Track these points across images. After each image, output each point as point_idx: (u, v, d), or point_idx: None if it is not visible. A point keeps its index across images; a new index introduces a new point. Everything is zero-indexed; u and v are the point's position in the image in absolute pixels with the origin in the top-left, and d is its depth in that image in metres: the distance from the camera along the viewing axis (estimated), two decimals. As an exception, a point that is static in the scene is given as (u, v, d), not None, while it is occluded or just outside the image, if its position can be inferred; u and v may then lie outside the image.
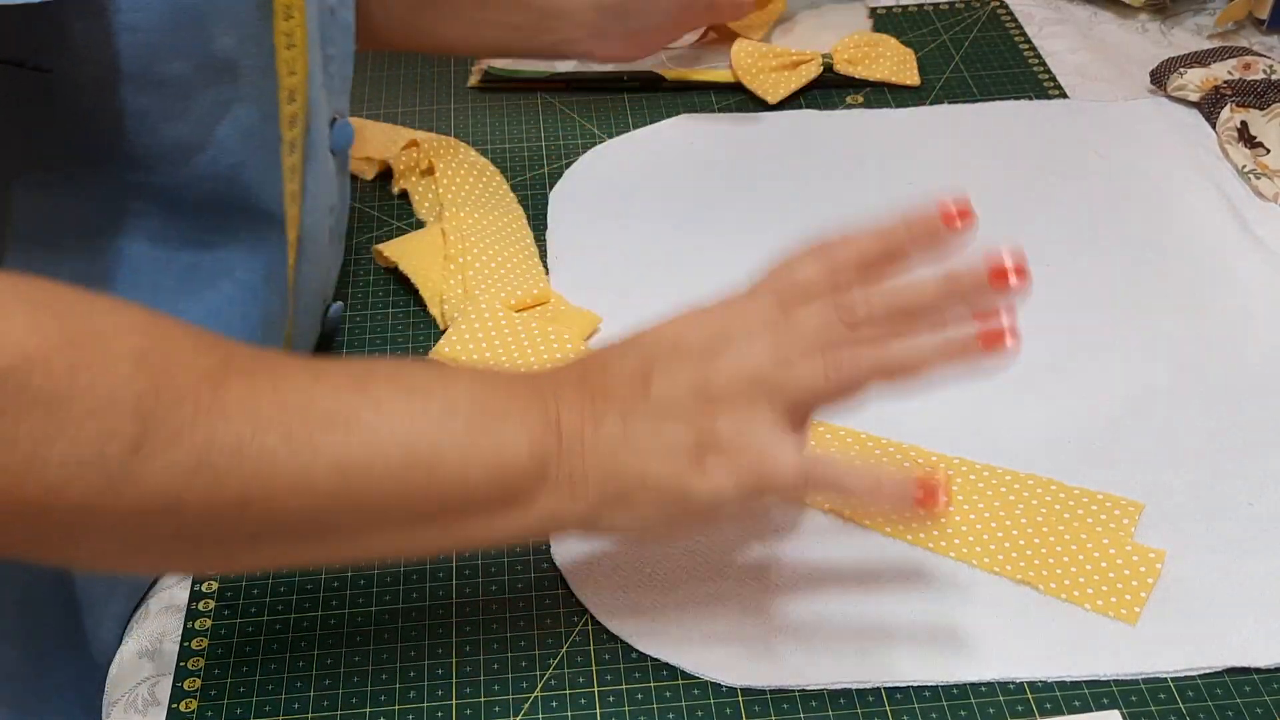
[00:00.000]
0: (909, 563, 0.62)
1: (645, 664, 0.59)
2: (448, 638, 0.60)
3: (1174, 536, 0.63)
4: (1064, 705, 0.57)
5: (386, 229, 0.83)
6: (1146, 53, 0.98)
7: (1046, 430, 0.68)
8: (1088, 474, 0.66)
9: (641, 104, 0.94)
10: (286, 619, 0.61)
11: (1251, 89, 0.90)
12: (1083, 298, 0.77)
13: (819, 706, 0.57)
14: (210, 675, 0.59)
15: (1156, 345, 0.73)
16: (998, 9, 1.03)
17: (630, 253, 0.81)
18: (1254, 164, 0.86)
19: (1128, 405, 0.70)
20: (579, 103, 0.94)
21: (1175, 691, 0.57)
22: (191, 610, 0.62)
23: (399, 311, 0.77)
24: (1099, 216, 0.82)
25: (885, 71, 0.95)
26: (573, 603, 0.61)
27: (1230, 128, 0.88)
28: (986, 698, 0.57)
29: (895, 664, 0.58)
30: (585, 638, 0.60)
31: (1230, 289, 0.77)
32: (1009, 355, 0.52)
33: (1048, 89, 0.94)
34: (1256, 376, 0.71)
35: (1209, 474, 0.66)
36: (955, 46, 0.99)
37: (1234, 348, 0.73)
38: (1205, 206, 0.83)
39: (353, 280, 0.79)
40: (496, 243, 0.79)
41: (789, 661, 0.58)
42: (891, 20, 1.02)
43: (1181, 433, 0.68)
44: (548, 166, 0.88)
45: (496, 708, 0.57)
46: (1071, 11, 1.04)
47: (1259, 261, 0.79)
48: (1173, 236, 0.81)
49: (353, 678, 0.59)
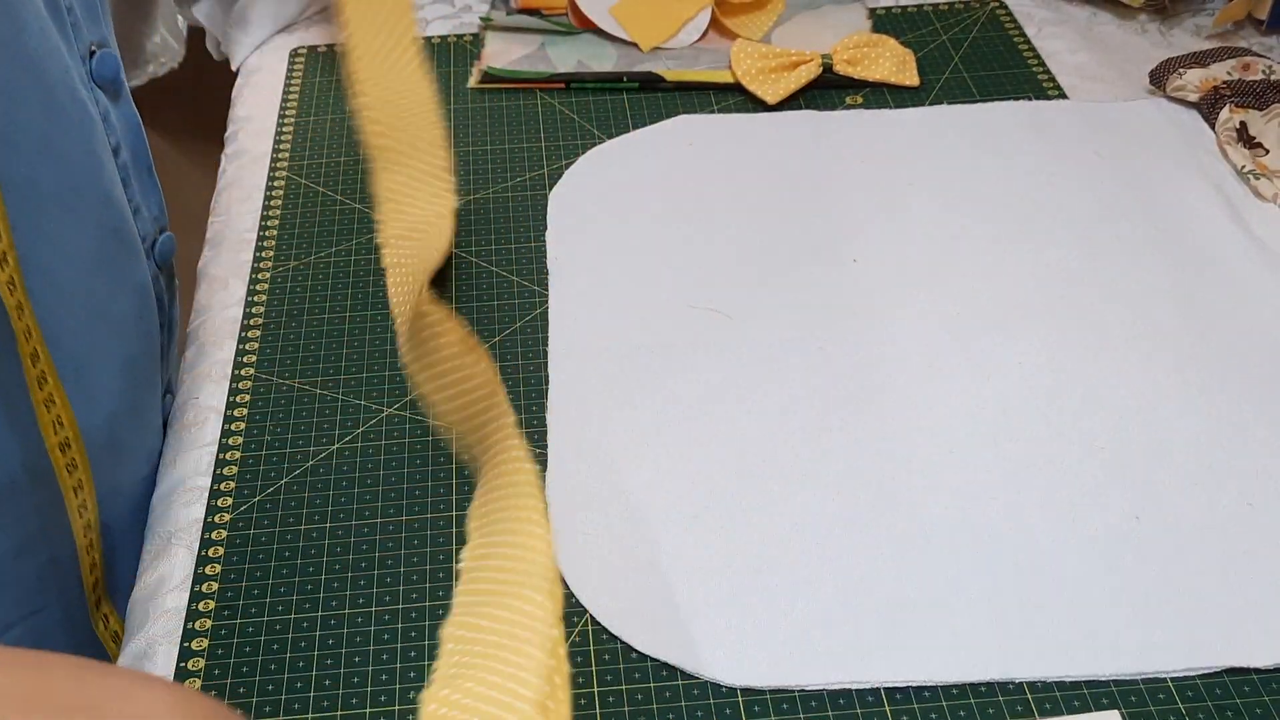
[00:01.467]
0: (909, 563, 0.62)
1: (645, 664, 0.59)
2: (448, 638, 0.60)
3: (1173, 536, 0.63)
4: (1064, 705, 0.57)
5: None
6: (1146, 53, 0.98)
7: (1045, 430, 0.69)
8: (1086, 474, 0.66)
9: (641, 104, 0.94)
10: (286, 619, 0.61)
11: (1251, 89, 0.90)
12: (1081, 297, 0.77)
13: (819, 706, 0.57)
14: (210, 675, 0.59)
15: (1155, 345, 0.73)
16: (997, 9, 1.03)
17: (630, 253, 0.81)
18: (1253, 164, 0.86)
19: (1126, 405, 0.70)
20: (579, 103, 0.94)
21: (1175, 691, 0.57)
22: (191, 610, 0.62)
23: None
24: (1098, 217, 0.82)
25: (885, 72, 0.95)
26: (573, 603, 0.61)
27: (1229, 128, 0.88)
28: (986, 698, 0.57)
29: (895, 664, 0.58)
30: (585, 638, 0.60)
31: (1229, 289, 0.77)
32: None
33: (1047, 89, 0.94)
34: (1256, 376, 0.72)
35: (1208, 474, 0.66)
36: (955, 47, 0.99)
37: (1233, 347, 0.73)
38: (1204, 207, 0.83)
39: (356, 278, 0.80)
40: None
41: (789, 661, 0.58)
42: (891, 20, 1.02)
43: (1180, 432, 0.68)
44: (547, 167, 0.88)
45: (496, 708, 0.57)
46: (1071, 12, 1.04)
47: (1258, 261, 0.79)
48: (1171, 237, 0.81)
49: (353, 678, 0.59)
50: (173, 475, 0.69)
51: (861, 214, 0.84)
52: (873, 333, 0.75)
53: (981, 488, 0.66)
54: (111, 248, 0.65)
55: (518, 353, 0.74)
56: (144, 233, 0.69)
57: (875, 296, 0.77)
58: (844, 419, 0.69)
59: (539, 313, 0.77)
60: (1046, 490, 0.65)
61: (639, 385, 0.72)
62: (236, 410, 0.71)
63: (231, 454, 0.69)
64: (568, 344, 0.75)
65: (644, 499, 0.65)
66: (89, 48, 0.64)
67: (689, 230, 0.83)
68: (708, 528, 0.64)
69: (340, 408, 0.71)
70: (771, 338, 0.74)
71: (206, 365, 0.74)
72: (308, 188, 0.87)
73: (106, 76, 0.65)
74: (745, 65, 0.94)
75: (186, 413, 0.72)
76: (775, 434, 0.69)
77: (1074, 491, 0.65)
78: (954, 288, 0.77)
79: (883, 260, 0.80)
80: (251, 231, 0.84)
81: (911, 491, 0.66)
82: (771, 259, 0.80)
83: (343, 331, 0.76)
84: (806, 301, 0.77)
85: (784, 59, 0.94)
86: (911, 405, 0.70)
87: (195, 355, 0.76)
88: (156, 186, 0.71)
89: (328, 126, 0.92)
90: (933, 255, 0.80)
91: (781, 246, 0.81)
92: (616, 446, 0.68)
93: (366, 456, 0.68)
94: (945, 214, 0.83)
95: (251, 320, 0.77)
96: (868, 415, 0.70)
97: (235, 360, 0.74)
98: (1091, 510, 0.64)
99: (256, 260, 0.81)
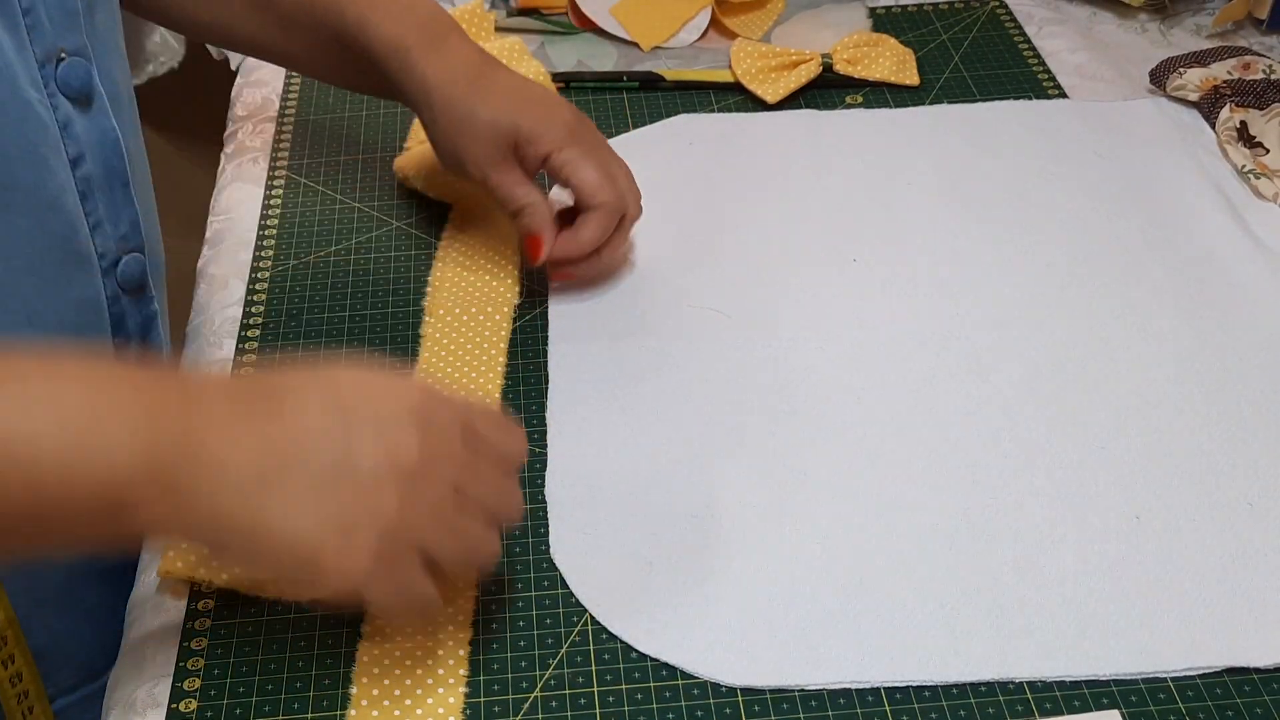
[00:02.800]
0: (909, 563, 0.62)
1: (645, 664, 0.59)
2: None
3: (1174, 536, 0.63)
4: (1064, 705, 0.57)
5: (385, 228, 0.83)
6: (1146, 53, 0.98)
7: (1045, 430, 0.68)
8: (1086, 474, 0.66)
9: (641, 104, 0.94)
10: (286, 619, 0.61)
11: (1251, 89, 0.90)
12: (1081, 297, 0.77)
13: (819, 706, 0.57)
14: (210, 675, 0.59)
15: (1155, 345, 0.73)
16: (997, 9, 1.03)
17: (629, 253, 0.80)
18: (1253, 164, 0.86)
19: (1126, 404, 0.70)
20: (579, 103, 0.94)
21: (1175, 691, 0.57)
22: (191, 610, 0.62)
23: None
24: (1098, 216, 0.82)
25: (885, 71, 0.95)
26: (573, 603, 0.61)
27: (1229, 128, 0.88)
28: (986, 698, 0.57)
29: (895, 664, 0.58)
30: (585, 638, 0.60)
31: (1229, 289, 0.77)
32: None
33: (1047, 89, 0.94)
34: (1256, 376, 0.71)
35: (1208, 474, 0.66)
36: (955, 46, 0.99)
37: (1233, 347, 0.73)
38: (1205, 206, 0.83)
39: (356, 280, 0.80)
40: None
41: (789, 661, 0.58)
42: (891, 20, 1.02)
43: (1180, 432, 0.68)
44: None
45: (496, 708, 0.57)
46: (1071, 11, 1.04)
47: (1258, 261, 0.79)
48: (1172, 236, 0.81)
49: (352, 677, 0.59)
50: (172, 475, 0.69)
51: (861, 214, 0.84)
52: (872, 332, 0.75)
53: (981, 487, 0.66)
54: (53, 255, 0.64)
55: (518, 352, 0.74)
56: (103, 249, 0.67)
57: (875, 296, 0.77)
58: (844, 418, 0.69)
59: (539, 312, 0.77)
60: (1047, 490, 0.65)
61: (639, 385, 0.72)
62: (236, 410, 0.71)
63: (231, 454, 0.68)
64: (568, 343, 0.75)
65: (644, 499, 0.65)
66: (55, 53, 0.62)
67: (689, 229, 0.83)
68: (708, 528, 0.64)
69: (340, 407, 0.71)
70: (771, 337, 0.74)
71: (206, 365, 0.74)
72: (308, 187, 0.87)
73: (73, 85, 0.63)
74: (745, 65, 0.94)
75: (186, 412, 0.72)
76: (775, 434, 0.69)
77: (1074, 491, 0.65)
78: (954, 288, 0.77)
79: (882, 260, 0.80)
80: (251, 231, 0.84)
81: (911, 491, 0.65)
82: (771, 259, 0.80)
83: (343, 331, 0.76)
84: (806, 301, 0.77)
85: (784, 58, 0.94)
86: (911, 405, 0.70)
87: (195, 355, 0.76)
88: (131, 204, 0.68)
89: (327, 126, 0.92)
90: (932, 255, 0.80)
91: (781, 246, 0.81)
92: (616, 446, 0.68)
93: (366, 456, 0.68)
94: (945, 214, 0.83)
95: (251, 320, 0.77)
96: (867, 415, 0.70)
97: (235, 360, 0.74)
98: (1091, 510, 0.64)
99: (256, 260, 0.81)
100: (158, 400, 0.49)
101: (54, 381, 0.47)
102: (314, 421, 0.50)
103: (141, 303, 0.70)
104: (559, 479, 0.67)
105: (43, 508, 0.47)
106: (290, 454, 0.49)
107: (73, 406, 0.47)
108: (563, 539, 0.64)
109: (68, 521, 0.47)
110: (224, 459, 0.49)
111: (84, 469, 0.46)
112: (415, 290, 0.78)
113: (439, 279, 0.79)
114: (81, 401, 0.47)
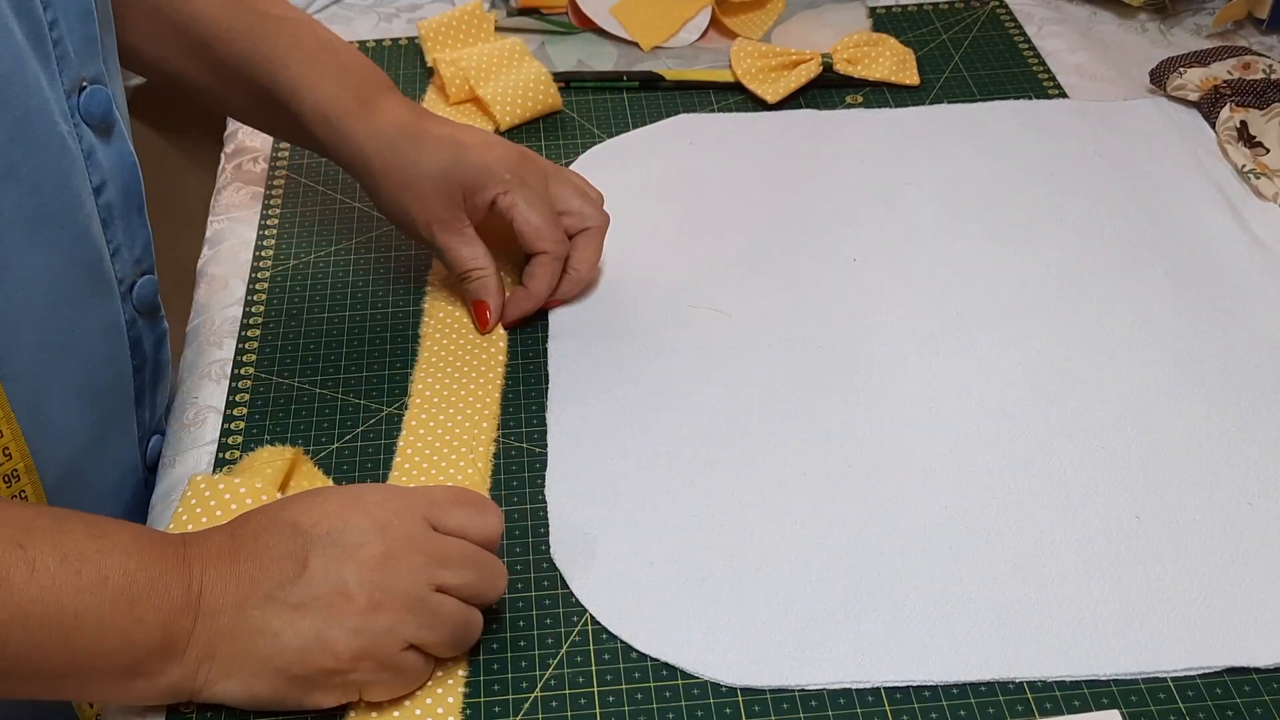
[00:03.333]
0: (909, 563, 0.62)
1: (645, 664, 0.59)
2: (448, 638, 0.60)
3: (1173, 537, 0.63)
4: (1064, 705, 0.57)
5: (386, 228, 0.83)
6: (1146, 53, 0.98)
7: (1045, 430, 0.68)
8: (1086, 473, 0.66)
9: (641, 104, 0.94)
10: (286, 619, 0.61)
11: (1251, 89, 0.90)
12: (1081, 297, 0.77)
13: (819, 706, 0.57)
14: (210, 675, 0.59)
15: (1155, 344, 0.73)
16: (997, 9, 1.03)
17: (630, 252, 0.80)
18: (1253, 164, 0.86)
19: (1126, 404, 0.70)
20: (579, 102, 0.94)
21: (1175, 691, 0.57)
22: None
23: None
24: (1098, 216, 0.82)
25: (885, 71, 0.95)
26: (573, 603, 0.61)
27: (1230, 127, 0.88)
28: (986, 698, 0.57)
29: (895, 664, 0.58)
30: (585, 638, 0.60)
31: (1229, 288, 0.77)
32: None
33: (1047, 89, 0.94)
34: (1255, 376, 0.71)
35: (1208, 474, 0.66)
36: (955, 46, 0.99)
37: (1233, 347, 0.73)
38: (1205, 206, 0.83)
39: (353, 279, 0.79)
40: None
41: (789, 661, 0.58)
42: (891, 20, 1.02)
43: (1180, 432, 0.68)
44: (547, 166, 0.88)
45: (496, 708, 0.57)
46: (1071, 11, 1.04)
47: (1258, 261, 0.79)
48: (1172, 236, 0.81)
49: (352, 678, 0.59)
50: (172, 474, 0.69)
51: (861, 214, 0.84)
52: (872, 332, 0.75)
53: (982, 487, 0.66)
54: (82, 283, 0.64)
55: (518, 352, 0.74)
56: (121, 274, 0.67)
57: (875, 296, 0.77)
58: (843, 418, 0.69)
59: (539, 312, 0.77)
60: (1047, 490, 0.65)
61: (639, 384, 0.72)
62: (236, 409, 0.71)
63: (231, 453, 0.69)
64: (568, 344, 0.75)
65: (644, 498, 0.65)
66: (78, 82, 0.63)
67: (689, 229, 0.83)
68: (708, 527, 0.64)
69: (340, 407, 0.71)
70: (771, 337, 0.74)
71: (206, 365, 0.74)
72: (308, 187, 0.87)
73: (95, 113, 0.63)
74: (745, 64, 0.94)
75: (186, 412, 0.72)
76: (775, 434, 0.69)
77: (1074, 491, 0.65)
78: (954, 287, 0.77)
79: (882, 260, 0.80)
80: (251, 231, 0.84)
81: (911, 491, 0.65)
82: (771, 259, 0.80)
83: (342, 331, 0.76)
84: (806, 301, 0.77)
85: (784, 58, 0.94)
86: (911, 405, 0.70)
87: (195, 355, 0.76)
88: (145, 228, 0.68)
89: (327, 126, 0.92)
90: (933, 255, 0.80)
91: (781, 246, 0.81)
92: (616, 446, 0.68)
93: (366, 456, 0.68)
94: (945, 213, 0.83)
95: (251, 320, 0.77)
96: (867, 415, 0.70)
97: (235, 360, 0.74)
98: (1091, 509, 0.64)
99: (256, 260, 0.81)
100: (172, 574, 0.54)
101: (104, 558, 0.52)
102: (278, 549, 0.55)
103: (155, 323, 0.71)
104: (559, 479, 0.67)
105: (78, 668, 0.52)
106: (259, 581, 0.54)
107: (115, 586, 0.52)
108: (563, 539, 0.64)
109: (92, 681, 0.54)
110: (221, 609, 0.54)
111: (114, 641, 0.52)
112: (415, 290, 0.78)
113: (439, 279, 0.79)
114: (122, 585, 0.52)
